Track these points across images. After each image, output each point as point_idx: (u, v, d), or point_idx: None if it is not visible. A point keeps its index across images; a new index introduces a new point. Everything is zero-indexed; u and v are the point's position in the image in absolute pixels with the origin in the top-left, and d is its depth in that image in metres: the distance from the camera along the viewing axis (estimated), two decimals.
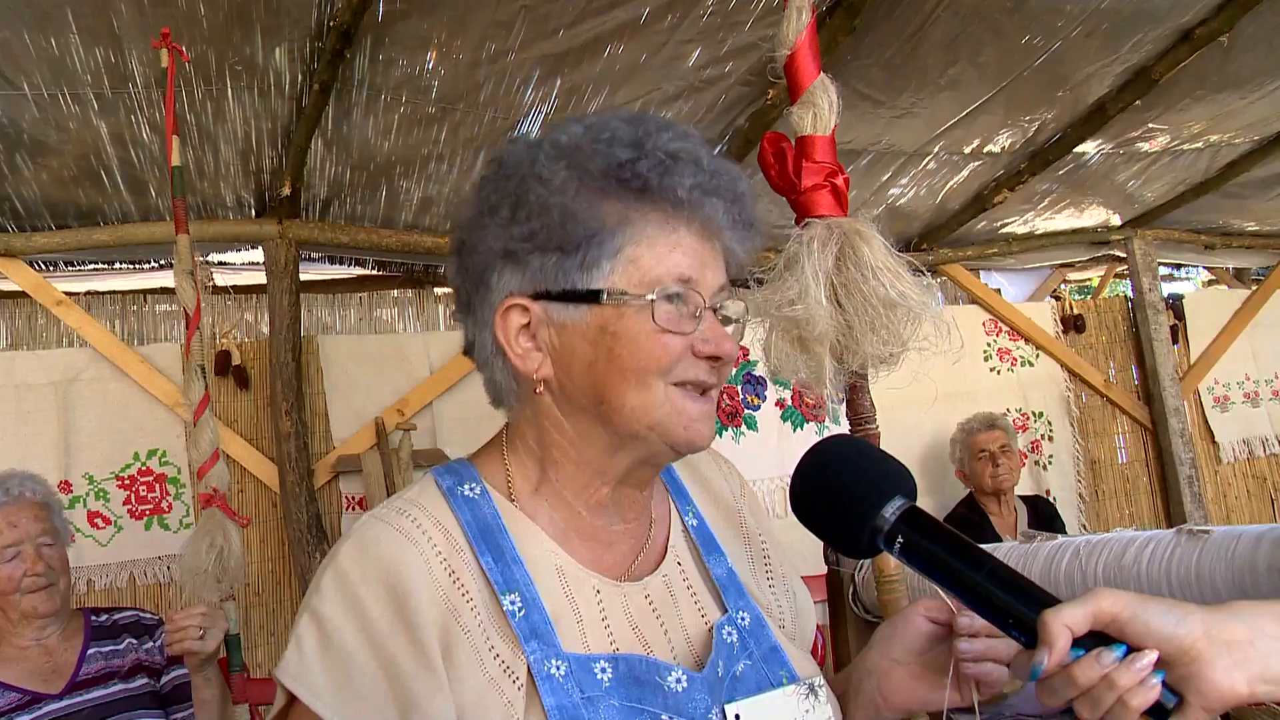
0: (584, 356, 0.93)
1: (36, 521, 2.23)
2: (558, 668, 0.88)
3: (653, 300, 0.91)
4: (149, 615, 2.43)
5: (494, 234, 0.95)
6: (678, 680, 0.93)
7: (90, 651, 2.27)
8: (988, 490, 4.05)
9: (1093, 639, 0.81)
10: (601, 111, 0.99)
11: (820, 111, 1.48)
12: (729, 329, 0.98)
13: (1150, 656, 0.78)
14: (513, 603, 0.91)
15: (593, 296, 0.92)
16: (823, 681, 1.02)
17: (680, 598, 1.02)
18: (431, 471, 1.01)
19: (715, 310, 0.96)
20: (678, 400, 0.94)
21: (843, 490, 0.97)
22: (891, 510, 0.93)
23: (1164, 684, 0.78)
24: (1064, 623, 0.80)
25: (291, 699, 0.88)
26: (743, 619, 1.02)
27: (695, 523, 1.10)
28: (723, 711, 0.93)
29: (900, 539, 0.92)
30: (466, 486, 0.98)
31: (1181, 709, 0.78)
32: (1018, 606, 0.85)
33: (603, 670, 0.90)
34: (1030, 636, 0.83)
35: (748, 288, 1.41)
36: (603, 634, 0.94)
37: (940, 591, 0.93)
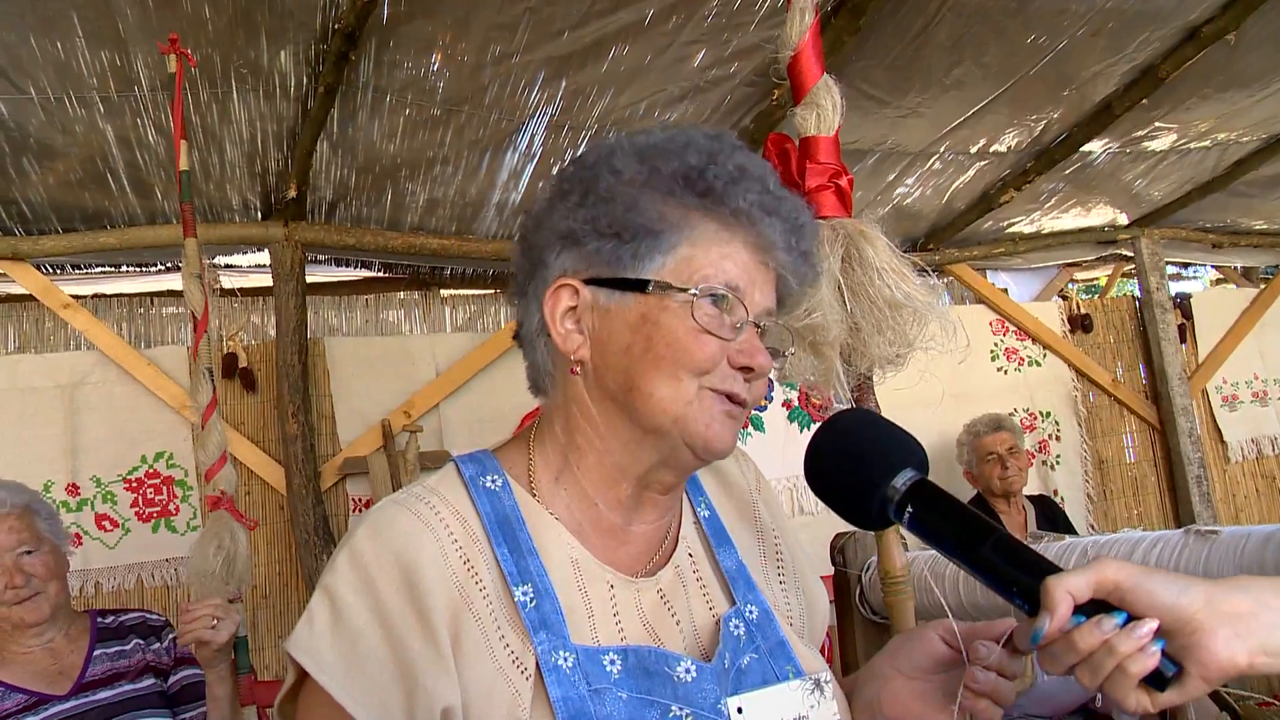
0: (622, 342, 0.95)
1: (12, 533, 2.21)
2: (565, 659, 0.89)
3: (696, 296, 0.93)
4: (155, 616, 2.43)
5: (560, 215, 0.98)
6: (687, 670, 0.93)
7: (96, 653, 2.27)
8: (997, 492, 4.01)
9: (1095, 607, 0.81)
10: (684, 125, 1.02)
11: (824, 112, 1.48)
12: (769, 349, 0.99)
13: (1151, 624, 0.79)
14: (525, 594, 0.91)
15: (640, 285, 0.94)
16: (830, 677, 1.02)
17: (690, 588, 1.02)
18: (455, 459, 1.02)
19: (758, 326, 0.98)
20: (706, 400, 0.95)
21: (855, 459, 0.99)
22: (902, 481, 0.94)
23: (1164, 653, 0.78)
24: (1066, 589, 0.81)
25: (303, 675, 0.89)
26: (751, 612, 1.02)
27: (707, 514, 1.10)
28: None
29: (910, 509, 0.93)
30: (489, 478, 0.99)
31: (1180, 678, 0.79)
32: (1022, 575, 0.86)
33: (611, 662, 0.90)
34: (1034, 605, 0.83)
35: None
36: (613, 628, 0.95)
37: (943, 600, 0.93)
